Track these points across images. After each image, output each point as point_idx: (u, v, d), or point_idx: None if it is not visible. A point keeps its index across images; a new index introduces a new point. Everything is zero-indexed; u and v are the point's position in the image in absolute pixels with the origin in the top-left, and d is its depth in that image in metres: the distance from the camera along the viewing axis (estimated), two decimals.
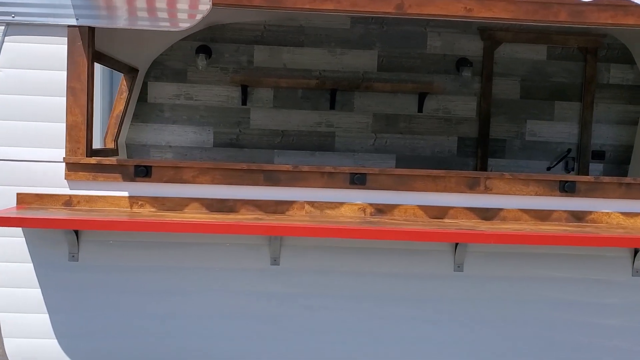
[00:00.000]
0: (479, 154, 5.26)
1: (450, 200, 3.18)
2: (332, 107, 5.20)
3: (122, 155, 5.06)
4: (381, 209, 3.17)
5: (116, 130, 4.85)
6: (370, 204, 3.15)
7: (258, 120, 5.21)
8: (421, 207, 3.16)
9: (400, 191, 3.17)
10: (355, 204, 3.15)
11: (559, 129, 5.30)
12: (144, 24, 3.26)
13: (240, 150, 5.23)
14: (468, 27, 5.18)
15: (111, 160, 3.11)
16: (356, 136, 5.25)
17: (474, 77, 5.22)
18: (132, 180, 3.08)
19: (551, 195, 3.22)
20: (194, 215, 3.02)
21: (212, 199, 3.12)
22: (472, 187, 3.18)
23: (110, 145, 4.85)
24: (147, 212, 3.08)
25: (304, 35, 5.16)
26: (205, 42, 5.12)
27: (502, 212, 3.21)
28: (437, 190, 3.18)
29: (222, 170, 3.10)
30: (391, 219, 3.07)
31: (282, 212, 3.11)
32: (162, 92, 5.16)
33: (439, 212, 3.19)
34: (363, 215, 3.13)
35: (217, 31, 5.12)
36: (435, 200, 3.19)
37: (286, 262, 3.04)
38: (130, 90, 4.84)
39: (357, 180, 3.09)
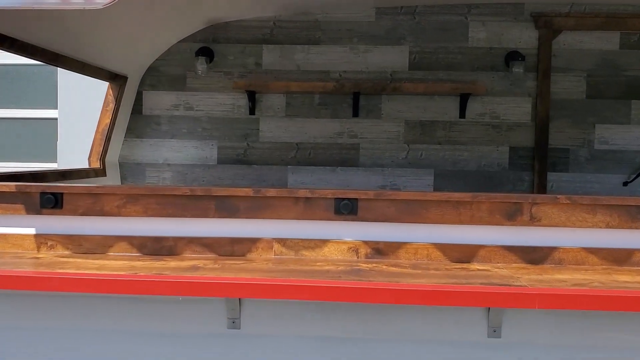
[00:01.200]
0: (535, 167, 4.30)
1: (481, 236, 2.25)
2: (355, 114, 4.38)
3: (113, 176, 4.38)
4: (381, 249, 2.24)
5: (101, 147, 4.18)
6: (365, 242, 2.24)
7: (268, 131, 4.45)
8: (438, 246, 2.25)
9: (407, 223, 2.23)
10: (344, 242, 2.25)
11: (637, 134, 4.27)
12: (52, 2, 2.54)
13: (249, 167, 4.47)
14: (519, 13, 4.27)
15: (8, 185, 2.28)
16: (385, 148, 4.40)
17: (528, 73, 4.29)
18: (39, 212, 2.27)
19: (631, 228, 2.25)
20: (117, 263, 2.11)
21: (145, 237, 2.25)
22: (512, 216, 2.22)
23: (95, 164, 4.19)
24: (52, 259, 2.17)
25: (320, 30, 4.39)
26: (206, 43, 4.42)
27: (556, 252, 2.24)
28: (461, 222, 2.22)
29: (157, 197, 2.25)
30: (395, 265, 2.17)
31: (242, 254, 2.25)
32: (159, 102, 4.48)
33: (465, 253, 2.24)
34: (355, 258, 2.24)
35: (219, 30, 4.42)
36: (459, 236, 2.25)
37: (248, 324, 2.04)
38: (118, 101, 4.18)
39: (345, 209, 2.20)
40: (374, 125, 4.41)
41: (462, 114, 4.34)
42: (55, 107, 8.63)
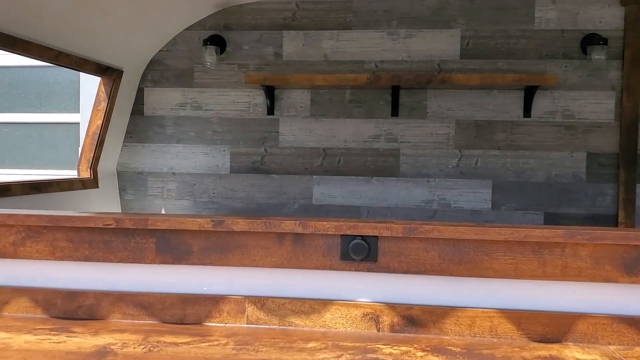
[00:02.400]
0: (621, 177, 3.43)
1: (581, 300, 1.42)
2: (394, 113, 3.61)
3: (108, 188, 3.73)
4: (415, 318, 1.45)
5: (92, 154, 3.54)
6: (391, 306, 1.46)
7: (290, 134, 3.72)
8: (510, 315, 1.42)
9: (459, 277, 1.46)
10: (357, 305, 1.48)
11: None
12: None
13: (267, 177, 3.75)
14: None
15: None
16: (431, 154, 3.61)
17: (611, 61, 3.43)
18: None
19: None
20: (8, 337, 1.37)
21: (53, 291, 1.53)
22: (632, 267, 1.39)
23: (85, 173, 3.54)
24: None
25: (352, 13, 3.64)
26: (216, 30, 3.73)
27: None
28: (546, 276, 1.42)
29: (68, 230, 1.51)
30: (439, 347, 1.34)
31: (198, 321, 1.49)
32: (163, 100, 3.82)
33: (554, 327, 1.41)
34: (374, 331, 1.45)
35: (232, 15, 3.72)
36: (545, 300, 1.43)
37: None
38: (112, 99, 3.53)
39: (358, 251, 1.44)
40: (417, 127, 3.62)
41: (528, 112, 3.52)
42: (78, 111, 8.17)
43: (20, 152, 8.21)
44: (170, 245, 1.50)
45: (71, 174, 5.15)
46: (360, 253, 1.42)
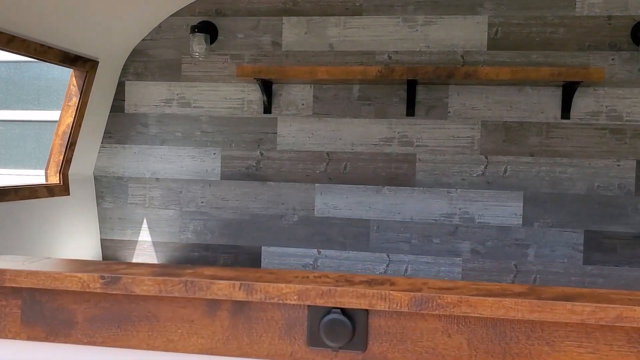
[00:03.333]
0: None
1: None
2: (410, 112, 3.12)
3: (82, 195, 3.29)
4: None
5: (62, 156, 3.09)
6: None
7: (290, 136, 3.24)
8: None
9: None
10: None
11: None
12: None
13: (263, 184, 3.27)
14: None
15: None
16: (452, 160, 3.11)
17: None
18: None
19: None
20: None
21: None
22: None
23: (54, 179, 3.09)
24: None
25: None
26: (207, 16, 3.27)
27: None
28: None
29: None
30: None
31: None
32: (146, 96, 3.36)
33: None
34: None
35: None
36: None
37: None
38: (85, 94, 3.08)
39: (334, 335, 0.92)
40: (436, 128, 3.12)
41: (566, 113, 3.00)
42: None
43: (17, 151, 7.84)
44: (43, 313, 1.02)
45: None
46: (340, 336, 0.92)
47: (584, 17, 2.97)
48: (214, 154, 3.30)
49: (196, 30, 3.14)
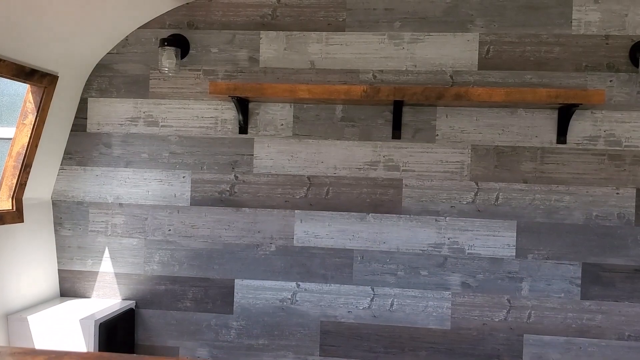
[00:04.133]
0: None
1: None
2: (396, 134, 2.91)
3: (38, 221, 2.99)
4: None
5: (16, 179, 2.80)
6: None
7: (267, 158, 3.00)
8: None
9: None
10: None
11: None
12: None
13: (237, 210, 3.01)
14: None
15: None
16: (441, 187, 2.90)
17: None
18: None
19: None
20: None
21: None
22: None
23: (6, 204, 2.80)
24: None
25: (345, 11, 2.95)
26: (179, 29, 3.03)
27: None
28: None
29: None
30: None
31: None
32: (110, 114, 3.09)
33: None
34: None
35: (198, 10, 3.02)
36: None
37: None
38: (43, 111, 2.80)
39: None
40: (424, 152, 2.91)
41: (562, 137, 2.82)
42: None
43: None
44: None
45: None
46: None
47: (581, 36, 2.81)
48: (184, 177, 3.04)
49: (166, 43, 2.89)
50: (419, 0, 2.90)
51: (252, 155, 3.00)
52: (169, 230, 3.05)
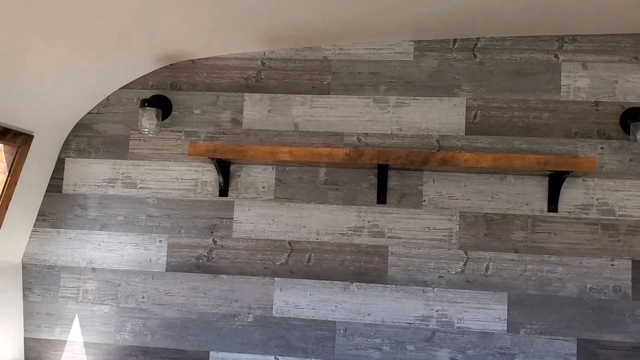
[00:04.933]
0: None
1: None
2: (381, 199, 2.80)
3: (8, 286, 2.85)
4: None
5: None
6: None
7: (247, 222, 2.88)
8: None
9: None
10: None
11: None
12: None
13: (214, 277, 2.87)
14: None
15: None
16: (429, 255, 2.77)
17: None
18: None
19: None
20: None
21: None
22: None
23: None
24: None
25: (330, 74, 2.91)
26: (162, 90, 2.98)
27: None
28: None
29: None
30: None
31: None
32: (88, 175, 3.00)
33: None
34: None
35: (182, 72, 2.98)
36: None
37: None
38: (15, 172, 2.71)
39: None
40: (410, 218, 2.80)
41: (554, 205, 2.71)
42: None
43: None
44: None
45: None
46: None
47: (570, 102, 2.75)
48: (160, 241, 2.92)
49: (146, 104, 2.83)
50: (404, 65, 2.86)
51: (232, 218, 2.89)
52: (143, 297, 2.90)
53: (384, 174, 2.78)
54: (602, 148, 2.71)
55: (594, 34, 2.75)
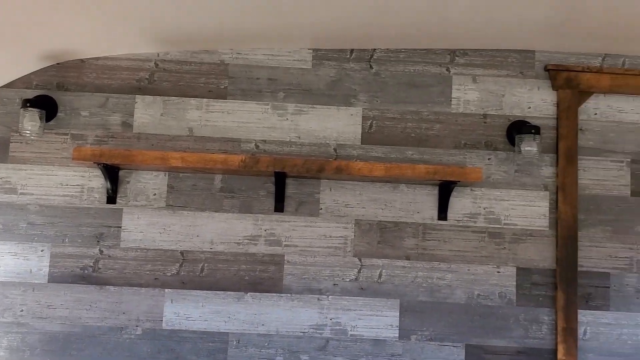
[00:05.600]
0: (558, 300, 2.72)
1: None
2: (278, 207, 2.77)
3: None
4: None
5: None
6: None
7: (137, 231, 2.76)
8: None
9: None
10: None
11: None
12: None
13: (101, 289, 2.73)
14: (528, 66, 2.86)
15: None
16: (324, 263, 2.76)
17: (544, 155, 2.82)
18: None
19: None
20: None
21: None
22: None
23: None
24: None
25: (227, 78, 2.85)
26: (47, 90, 2.81)
27: None
28: None
29: None
30: None
31: None
32: None
33: None
34: None
35: (70, 71, 2.82)
36: None
37: None
38: None
39: None
40: (307, 226, 2.79)
41: (443, 214, 2.78)
42: None
43: None
44: None
45: None
46: None
47: (460, 115, 2.84)
48: (42, 250, 2.74)
49: (28, 104, 2.66)
50: (303, 72, 2.85)
51: (120, 227, 2.75)
52: (22, 310, 2.71)
53: (281, 181, 2.75)
54: (489, 159, 2.82)
55: (483, 48, 2.86)
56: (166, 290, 2.73)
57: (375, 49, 2.86)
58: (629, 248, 2.77)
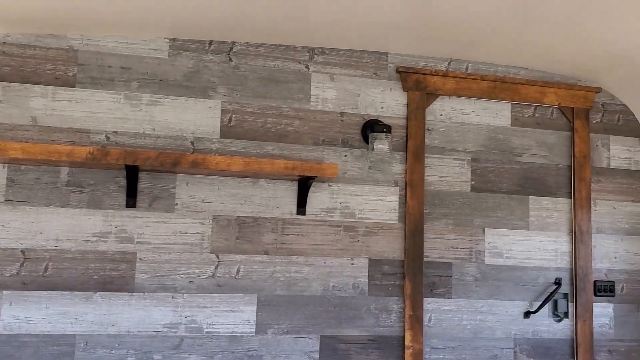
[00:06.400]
0: (406, 290, 2.88)
1: None
2: (130, 202, 2.65)
3: None
4: None
5: None
6: None
7: None
8: None
9: None
10: None
11: (539, 245, 3.09)
12: None
13: None
14: (381, 67, 2.99)
15: None
16: (179, 260, 2.70)
17: (395, 153, 2.96)
18: None
19: None
20: None
21: None
22: None
23: None
24: None
25: (77, 66, 2.67)
26: None
27: None
28: None
29: None
30: None
31: None
32: None
33: None
34: None
35: None
36: None
37: None
38: None
39: None
40: (162, 222, 2.70)
41: (302, 209, 2.83)
42: None
43: None
44: None
45: None
46: None
47: (319, 112, 2.90)
48: None
49: None
50: (159, 62, 2.75)
51: None
52: None
53: (133, 175, 2.63)
54: (345, 156, 2.91)
55: (340, 48, 2.94)
56: (4, 292, 2.51)
57: (235, 42, 2.84)
58: (468, 239, 3.00)
